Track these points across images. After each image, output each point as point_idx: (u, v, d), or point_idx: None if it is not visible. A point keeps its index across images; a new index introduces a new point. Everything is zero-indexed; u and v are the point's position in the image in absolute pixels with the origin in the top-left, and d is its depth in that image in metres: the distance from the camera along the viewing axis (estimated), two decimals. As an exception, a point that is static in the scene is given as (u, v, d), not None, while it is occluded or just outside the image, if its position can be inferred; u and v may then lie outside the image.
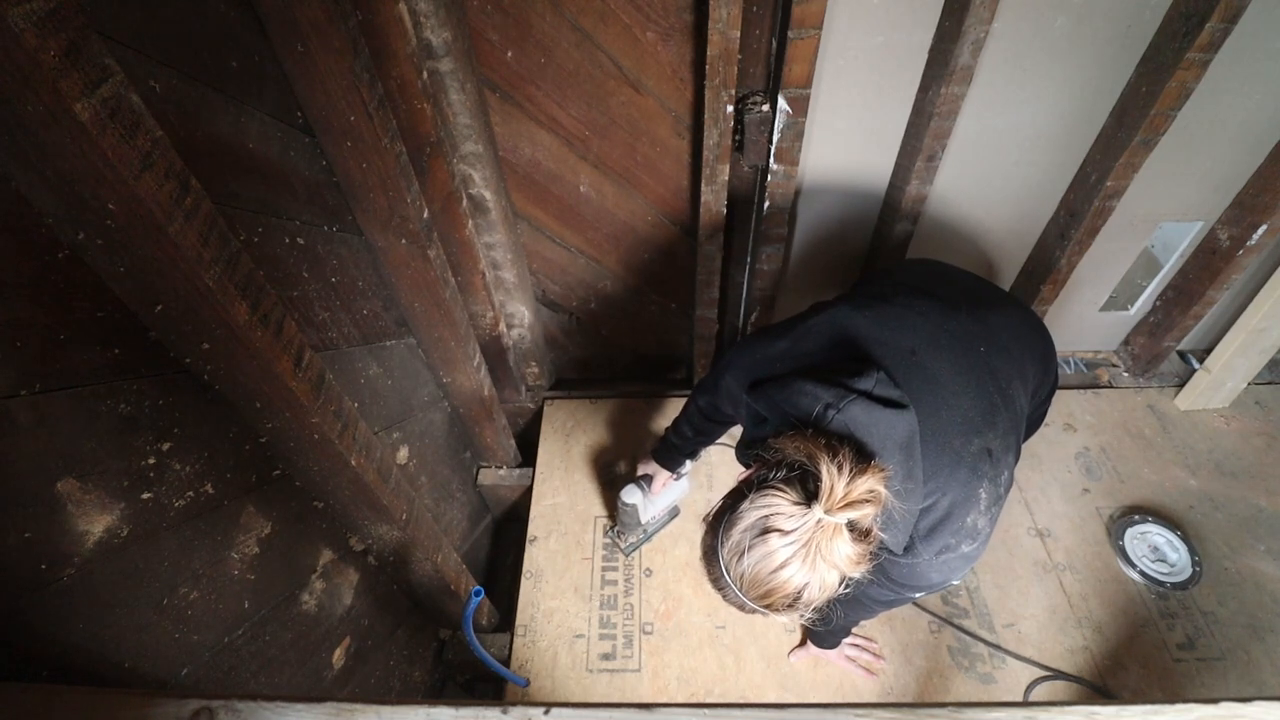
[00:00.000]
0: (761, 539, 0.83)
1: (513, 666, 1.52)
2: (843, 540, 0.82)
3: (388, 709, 0.52)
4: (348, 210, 1.13)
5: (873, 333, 0.99)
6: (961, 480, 0.92)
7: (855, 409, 0.87)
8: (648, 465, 1.61)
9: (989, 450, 0.94)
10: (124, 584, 0.71)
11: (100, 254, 0.64)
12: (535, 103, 1.41)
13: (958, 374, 0.97)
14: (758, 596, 0.86)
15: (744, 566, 0.85)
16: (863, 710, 0.50)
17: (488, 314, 1.63)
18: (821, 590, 0.84)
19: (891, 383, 0.91)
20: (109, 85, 0.56)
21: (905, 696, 1.48)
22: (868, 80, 1.43)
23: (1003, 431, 0.96)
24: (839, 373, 0.93)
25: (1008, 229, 1.78)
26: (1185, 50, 1.31)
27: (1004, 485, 0.97)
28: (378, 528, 1.13)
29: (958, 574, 1.02)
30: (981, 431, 0.94)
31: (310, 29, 0.88)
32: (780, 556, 0.82)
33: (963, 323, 1.04)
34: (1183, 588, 1.61)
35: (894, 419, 0.87)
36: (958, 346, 1.00)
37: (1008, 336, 1.09)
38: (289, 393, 0.82)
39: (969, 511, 0.94)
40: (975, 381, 0.97)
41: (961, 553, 0.97)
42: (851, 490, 0.80)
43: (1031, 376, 1.12)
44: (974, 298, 1.15)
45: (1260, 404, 1.97)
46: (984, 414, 0.95)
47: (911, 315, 1.03)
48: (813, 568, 0.82)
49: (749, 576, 0.85)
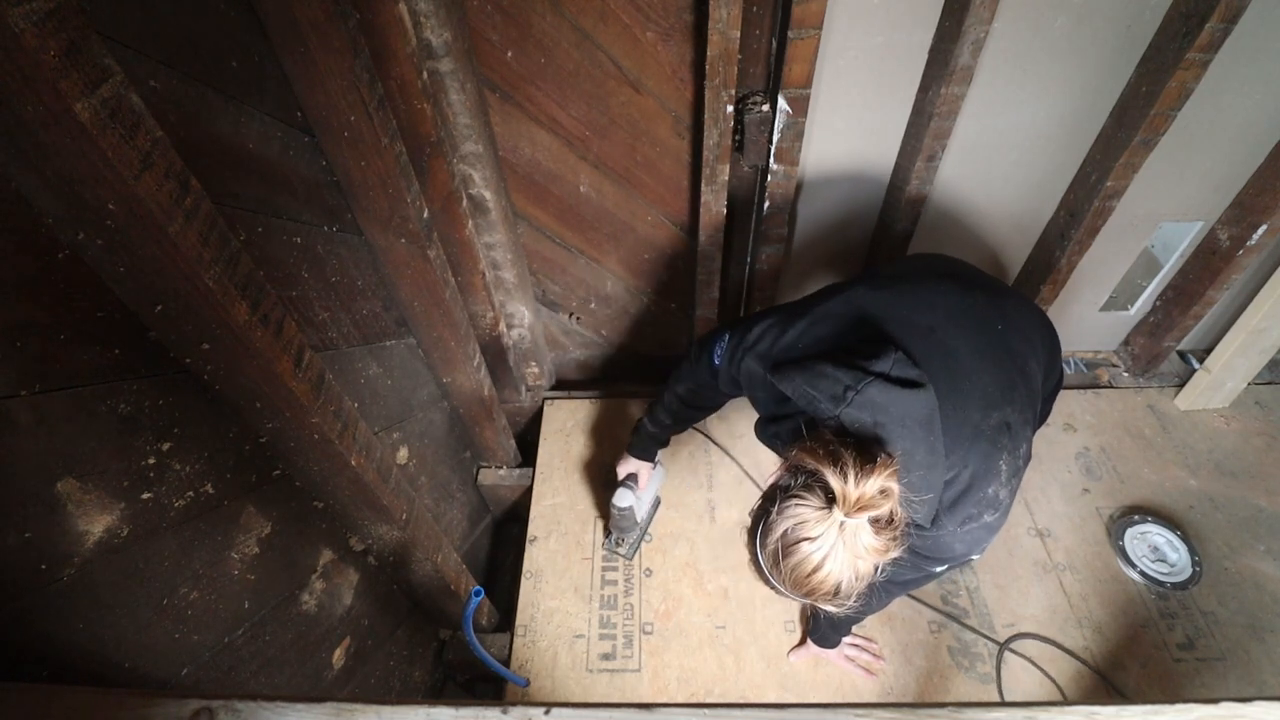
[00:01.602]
0: (794, 547, 0.89)
1: (513, 666, 1.52)
2: (867, 534, 0.87)
3: (388, 709, 0.52)
4: (348, 210, 1.13)
5: (891, 311, 1.02)
6: (982, 453, 0.95)
7: (872, 391, 0.89)
8: (628, 464, 1.60)
9: (1008, 424, 0.96)
10: (124, 584, 0.71)
11: (100, 254, 0.64)
12: (535, 103, 1.41)
13: (976, 350, 0.99)
14: (804, 594, 0.92)
15: (783, 572, 0.91)
16: (863, 710, 0.50)
17: (488, 314, 1.63)
18: (859, 578, 0.90)
19: (910, 362, 0.93)
20: (109, 85, 0.56)
21: (905, 696, 1.48)
22: (868, 80, 1.43)
23: (1020, 406, 0.99)
24: (857, 354, 0.94)
25: (1008, 229, 1.78)
26: (1185, 50, 1.31)
27: (1023, 457, 0.99)
28: (378, 528, 1.13)
29: (980, 545, 1.04)
30: (1000, 406, 0.96)
31: (310, 29, 0.88)
32: (814, 560, 0.88)
33: (980, 302, 1.07)
34: (1183, 588, 1.61)
35: (912, 399, 0.90)
36: (975, 324, 1.02)
37: (1022, 321, 1.11)
38: (289, 393, 0.82)
39: (990, 483, 0.96)
40: (993, 358, 1.00)
41: (984, 522, 0.99)
42: (863, 493, 0.84)
43: (1043, 363, 1.13)
44: (986, 284, 1.17)
45: (1260, 404, 1.97)
46: (1002, 389, 0.98)
47: (929, 294, 1.05)
48: (846, 563, 0.88)
49: (790, 579, 0.91)
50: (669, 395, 1.41)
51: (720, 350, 1.21)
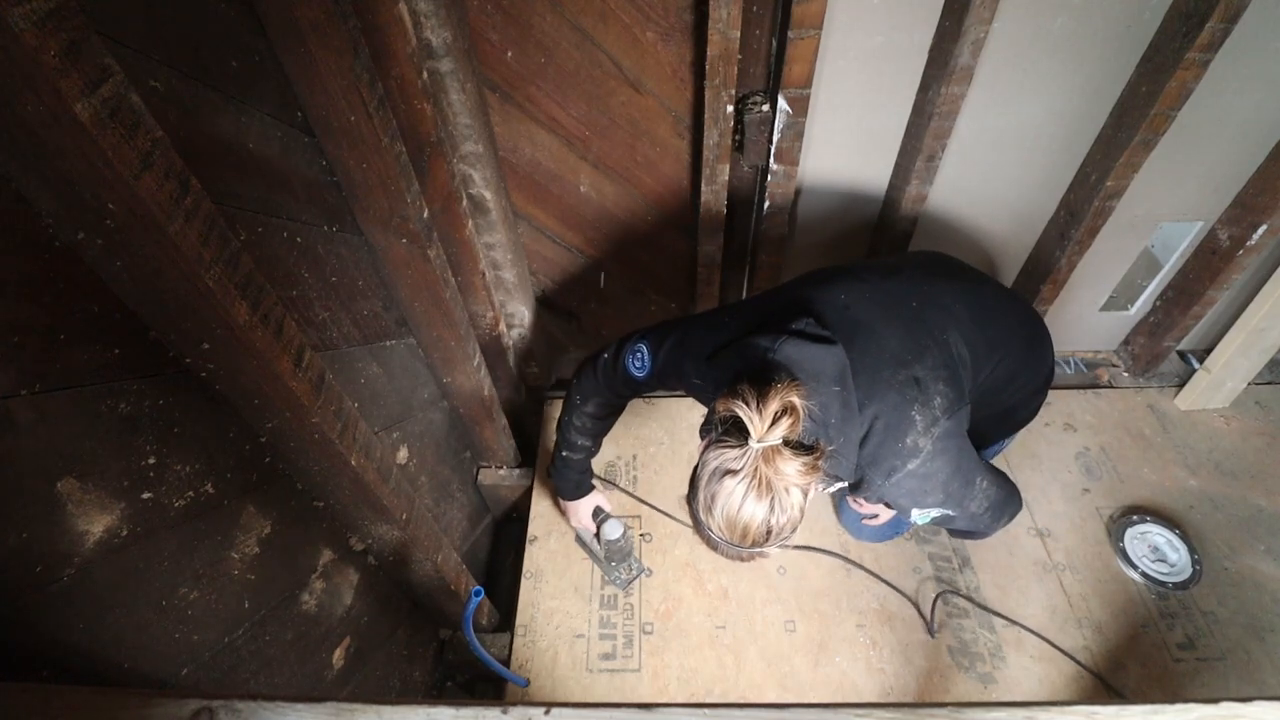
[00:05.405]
0: (720, 484, 0.93)
1: (513, 666, 1.52)
2: (784, 459, 0.91)
3: (388, 709, 0.52)
4: (348, 210, 1.13)
5: (810, 293, 1.14)
6: (891, 403, 1.03)
7: (789, 347, 1.00)
8: (580, 506, 1.62)
9: (916, 379, 1.05)
10: (124, 584, 0.71)
11: (100, 254, 0.64)
12: (535, 103, 1.41)
13: (887, 320, 1.09)
14: (739, 538, 0.95)
15: (716, 515, 0.95)
16: (863, 710, 0.50)
17: (488, 314, 1.63)
18: (789, 513, 0.94)
19: (820, 325, 1.05)
20: (109, 85, 0.56)
21: (905, 696, 1.48)
22: (868, 80, 1.43)
23: (931, 365, 1.06)
24: (775, 320, 1.07)
25: (1008, 228, 1.78)
26: (1185, 50, 1.31)
27: (940, 410, 1.05)
28: (378, 528, 1.13)
29: (921, 497, 1.11)
30: (908, 364, 1.05)
31: (310, 29, 0.88)
32: (738, 494, 0.92)
33: (900, 284, 1.17)
34: (1183, 588, 1.61)
35: (823, 353, 1.00)
36: (889, 300, 1.13)
37: (961, 304, 1.18)
38: (289, 392, 0.82)
39: (906, 432, 1.03)
40: (903, 326, 1.09)
41: (910, 470, 1.05)
42: (765, 411, 0.89)
43: (985, 343, 1.19)
44: (938, 273, 1.27)
45: (1260, 404, 1.97)
46: (912, 351, 1.06)
47: (849, 280, 1.16)
48: (771, 493, 0.92)
49: (723, 522, 0.95)
50: (577, 420, 1.45)
51: (638, 361, 1.27)
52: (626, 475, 1.85)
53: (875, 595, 1.62)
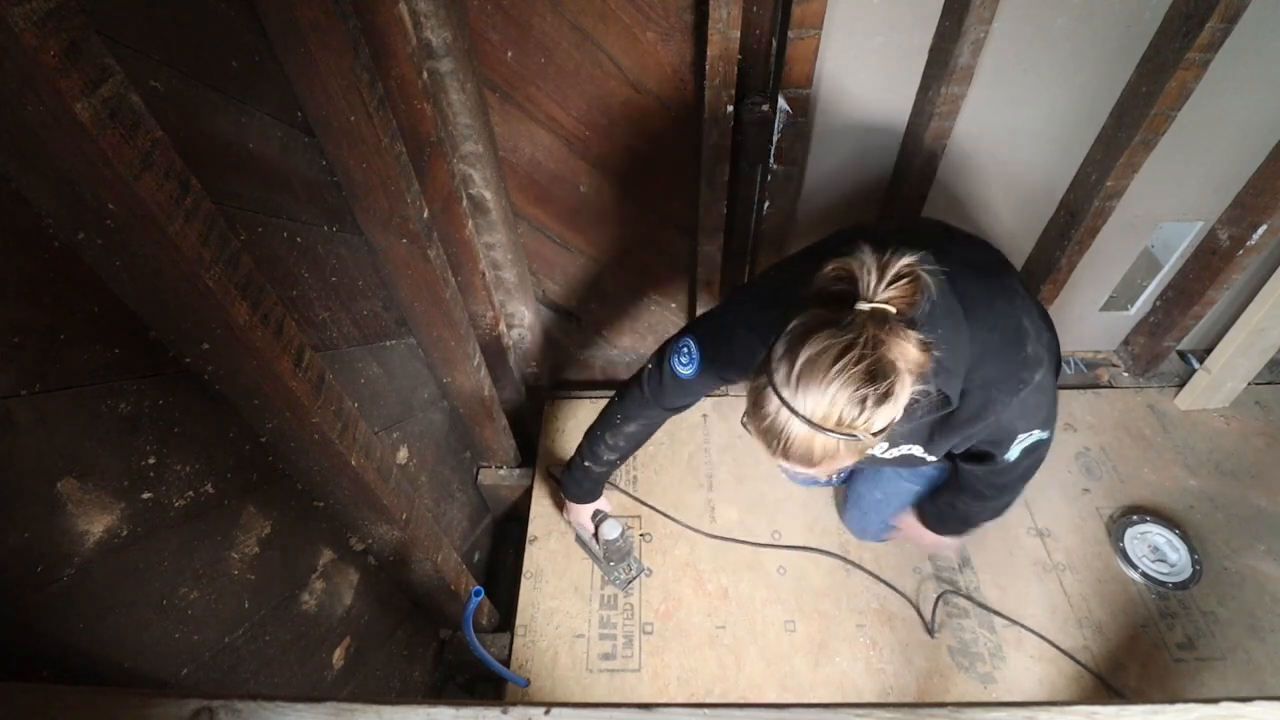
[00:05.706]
0: (814, 343, 0.77)
1: (513, 666, 1.52)
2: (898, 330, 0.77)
3: (388, 709, 0.52)
4: (348, 210, 1.13)
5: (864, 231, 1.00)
6: (1001, 311, 0.95)
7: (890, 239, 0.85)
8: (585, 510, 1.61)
9: (1008, 288, 1.00)
10: (124, 584, 0.71)
11: (100, 254, 0.64)
12: (535, 103, 1.41)
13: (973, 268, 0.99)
14: (821, 416, 0.78)
15: (795, 383, 0.78)
16: (863, 710, 0.50)
17: (488, 314, 1.63)
18: (886, 404, 0.78)
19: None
20: (109, 85, 0.56)
21: (905, 696, 1.48)
22: (868, 80, 1.43)
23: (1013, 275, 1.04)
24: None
25: (1008, 228, 1.78)
26: (1185, 50, 1.31)
27: (1040, 315, 1.01)
28: (378, 528, 1.13)
29: (1034, 413, 1.03)
30: (997, 272, 1.03)
31: (310, 29, 0.88)
32: (833, 353, 0.76)
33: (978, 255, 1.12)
34: (1183, 588, 1.61)
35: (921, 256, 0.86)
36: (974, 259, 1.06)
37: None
38: (289, 392, 0.82)
39: (1024, 341, 0.96)
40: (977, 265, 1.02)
41: (1036, 383, 0.97)
42: (887, 269, 0.78)
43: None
44: None
45: (1260, 404, 1.97)
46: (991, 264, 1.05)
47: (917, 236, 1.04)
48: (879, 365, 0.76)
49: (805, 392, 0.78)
50: (611, 439, 1.40)
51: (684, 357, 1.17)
52: (626, 475, 1.85)
53: (875, 595, 1.62)
